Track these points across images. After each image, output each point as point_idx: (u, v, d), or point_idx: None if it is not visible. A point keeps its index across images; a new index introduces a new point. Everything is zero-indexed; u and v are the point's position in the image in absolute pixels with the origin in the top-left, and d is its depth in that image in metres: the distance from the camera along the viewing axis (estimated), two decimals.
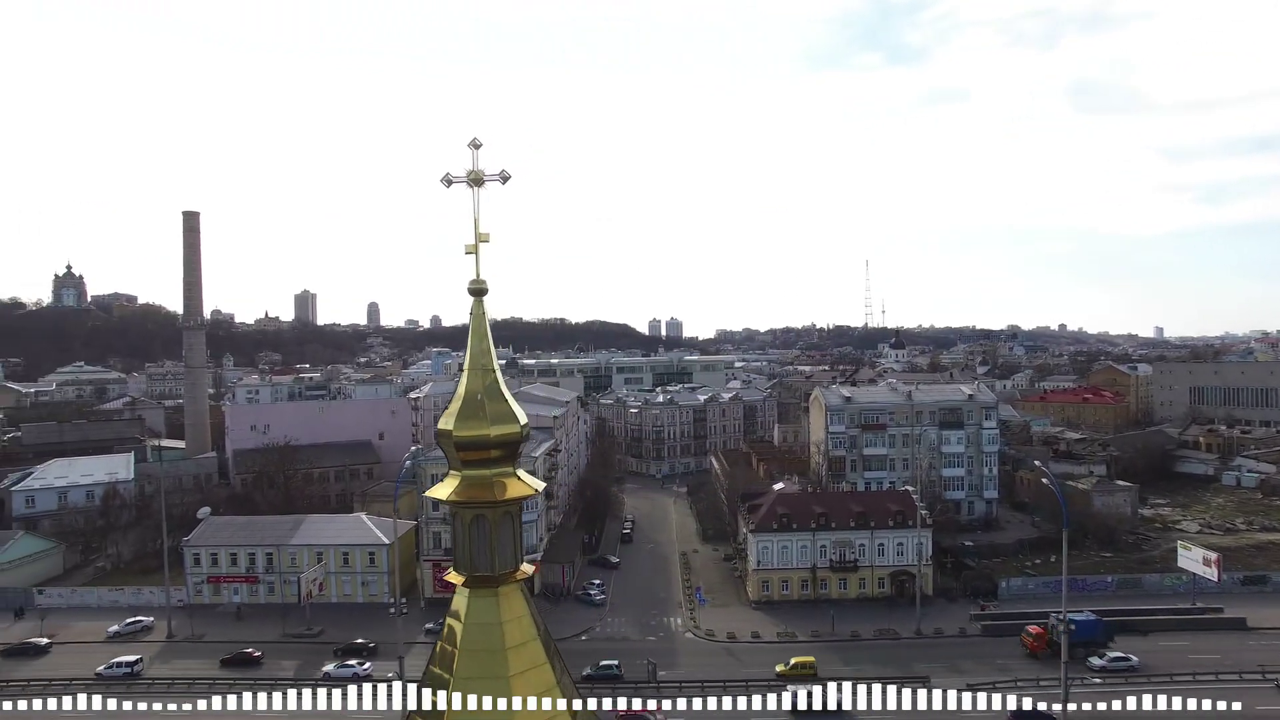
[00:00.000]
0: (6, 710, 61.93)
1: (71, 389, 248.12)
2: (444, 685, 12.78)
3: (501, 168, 14.68)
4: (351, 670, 69.53)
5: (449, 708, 12.54)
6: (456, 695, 12.60)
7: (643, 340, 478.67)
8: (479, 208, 14.94)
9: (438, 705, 12.73)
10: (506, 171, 14.66)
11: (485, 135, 14.13)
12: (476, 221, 15.31)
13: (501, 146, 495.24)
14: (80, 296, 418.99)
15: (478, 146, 14.48)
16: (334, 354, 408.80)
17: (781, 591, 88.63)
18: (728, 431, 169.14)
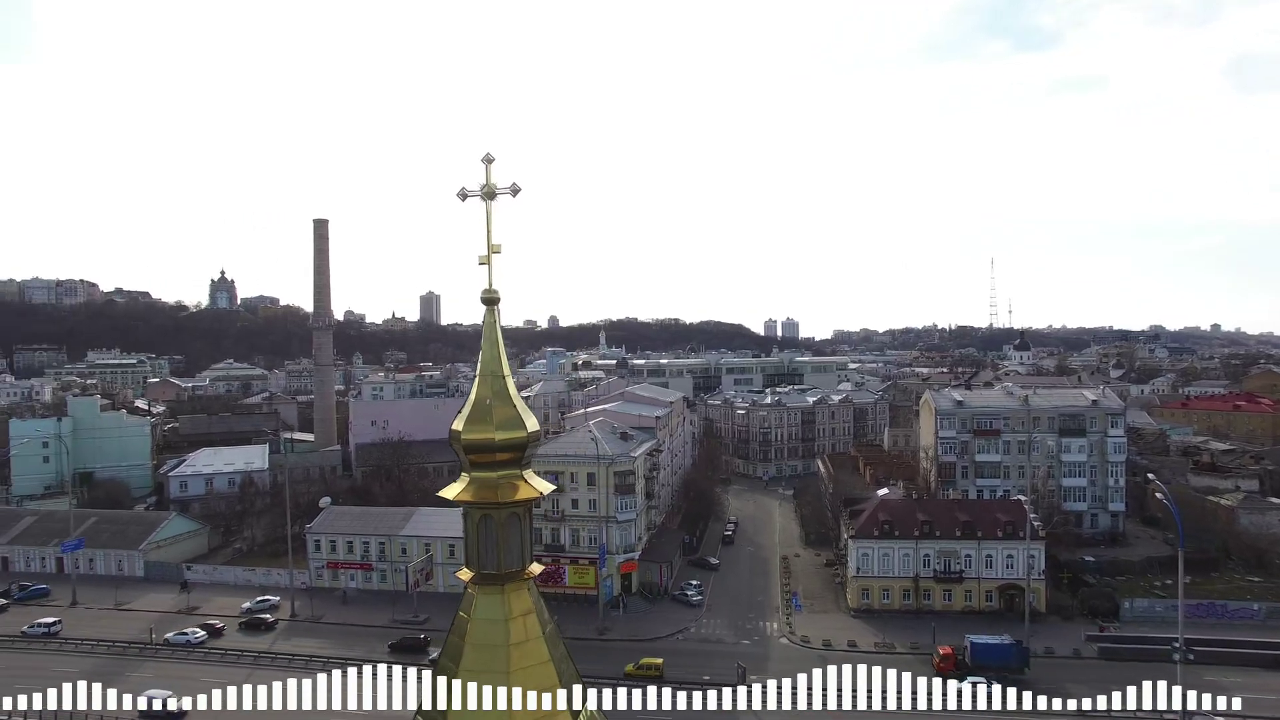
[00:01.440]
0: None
1: (222, 384, 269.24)
2: (452, 676, 13.40)
3: (512, 181, 15.15)
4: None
5: (452, 697, 13.14)
6: (459, 686, 13.18)
7: (757, 341, 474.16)
8: (492, 220, 15.60)
9: (445, 694, 13.34)
10: (517, 185, 15.16)
11: (622, 129, 14.61)
12: (489, 233, 15.99)
13: (628, 144, 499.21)
14: (231, 299, 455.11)
15: (490, 161, 15.11)
16: (456, 352, 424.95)
17: (882, 600, 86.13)
18: (837, 434, 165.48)
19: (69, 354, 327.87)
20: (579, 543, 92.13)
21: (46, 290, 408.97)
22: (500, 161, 15.01)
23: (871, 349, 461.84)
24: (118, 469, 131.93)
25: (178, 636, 79.09)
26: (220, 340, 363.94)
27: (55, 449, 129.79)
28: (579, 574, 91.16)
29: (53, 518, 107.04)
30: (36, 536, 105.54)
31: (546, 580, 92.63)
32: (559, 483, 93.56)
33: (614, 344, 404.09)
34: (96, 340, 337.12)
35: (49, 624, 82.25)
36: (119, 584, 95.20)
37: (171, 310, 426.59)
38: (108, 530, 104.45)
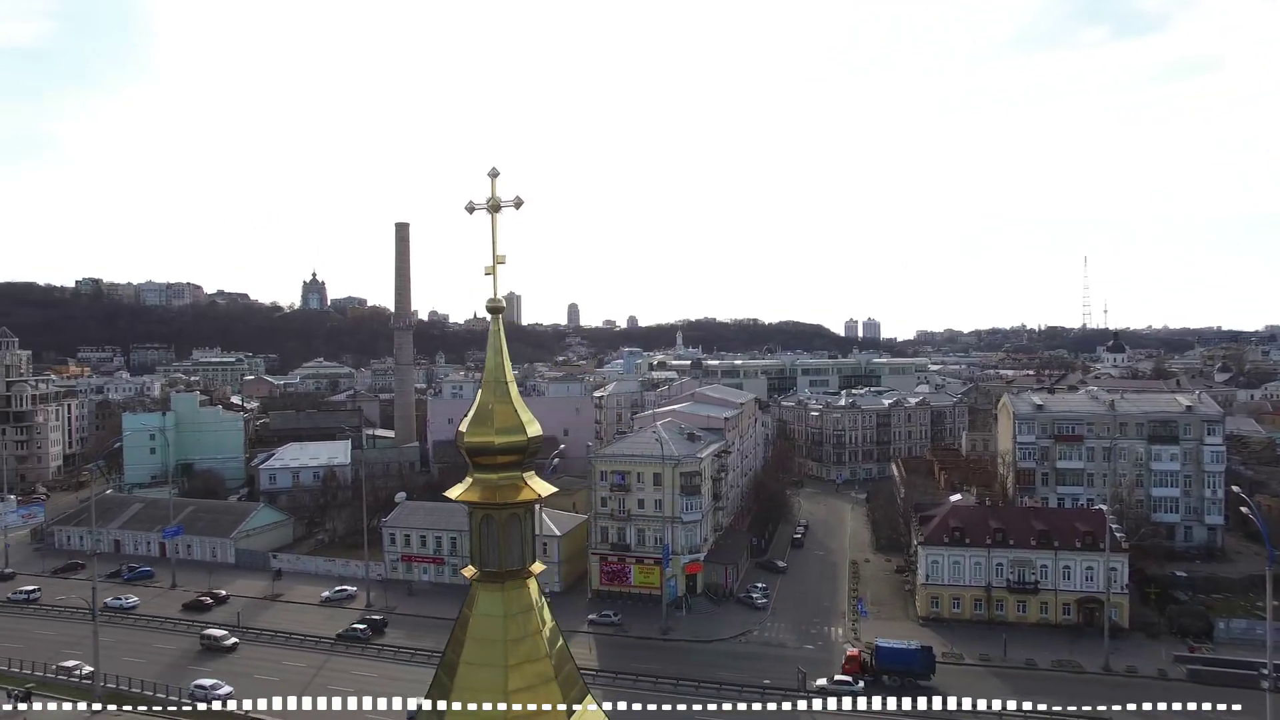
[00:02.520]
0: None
1: (311, 382, 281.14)
2: (454, 668, 14.10)
3: (516, 194, 15.76)
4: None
5: (452, 688, 13.84)
6: (460, 677, 13.87)
7: (837, 341, 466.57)
8: (497, 232, 16.27)
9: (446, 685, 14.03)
10: (520, 198, 15.79)
11: (705, 127, 15.22)
12: (494, 245, 16.66)
13: (715, 144, 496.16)
14: (322, 300, 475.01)
15: (495, 175, 15.79)
16: (535, 352, 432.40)
17: (952, 609, 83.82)
18: (913, 438, 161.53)
19: (177, 352, 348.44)
20: (644, 542, 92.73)
21: (158, 293, 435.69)
22: (583, 162, 15.52)
23: (955, 350, 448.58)
24: (214, 461, 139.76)
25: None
26: (311, 340, 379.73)
27: (160, 441, 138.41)
28: (644, 574, 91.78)
29: (157, 505, 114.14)
30: (143, 522, 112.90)
31: (612, 579, 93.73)
32: (625, 483, 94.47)
33: (691, 344, 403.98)
34: (201, 339, 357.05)
35: (28, 592, 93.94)
36: (212, 569, 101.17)
37: (267, 311, 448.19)
38: (203, 518, 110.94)
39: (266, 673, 71.43)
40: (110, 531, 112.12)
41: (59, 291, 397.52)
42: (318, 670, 73.48)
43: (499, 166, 15.54)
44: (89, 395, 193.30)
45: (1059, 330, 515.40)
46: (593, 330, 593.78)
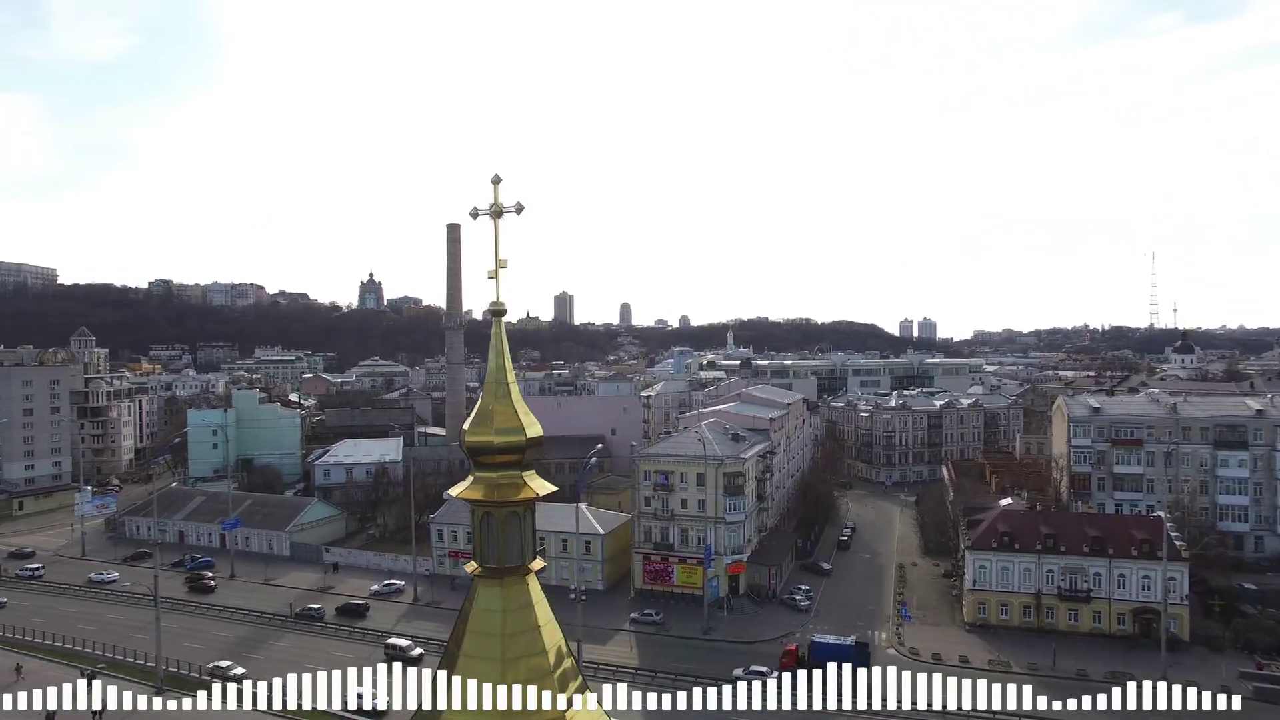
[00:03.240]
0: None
1: (367, 380, 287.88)
2: (454, 660, 14.59)
3: (517, 200, 16.19)
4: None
5: (452, 679, 14.33)
6: (459, 668, 14.34)
7: (891, 342, 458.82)
8: (499, 237, 16.74)
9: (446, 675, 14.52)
10: (520, 204, 16.22)
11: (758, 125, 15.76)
12: (497, 249, 17.13)
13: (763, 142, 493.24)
14: (379, 300, 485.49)
15: (498, 182, 16.24)
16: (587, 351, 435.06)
17: (1000, 616, 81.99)
18: (965, 440, 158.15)
19: (240, 351, 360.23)
20: (687, 542, 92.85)
21: (224, 293, 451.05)
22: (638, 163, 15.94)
23: (1014, 350, 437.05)
24: (272, 456, 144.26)
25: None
26: (367, 339, 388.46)
27: (222, 437, 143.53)
28: (687, 573, 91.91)
29: (218, 498, 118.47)
30: (205, 514, 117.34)
31: (655, 578, 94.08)
32: (668, 482, 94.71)
33: (743, 344, 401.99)
34: (263, 338, 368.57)
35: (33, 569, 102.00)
36: (268, 561, 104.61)
37: (326, 311, 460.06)
38: (260, 512, 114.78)
39: (314, 661, 73.49)
40: (175, 522, 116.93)
41: (133, 293, 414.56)
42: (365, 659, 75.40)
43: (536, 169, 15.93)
44: (158, 392, 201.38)
45: (1124, 330, 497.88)
46: (644, 330, 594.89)
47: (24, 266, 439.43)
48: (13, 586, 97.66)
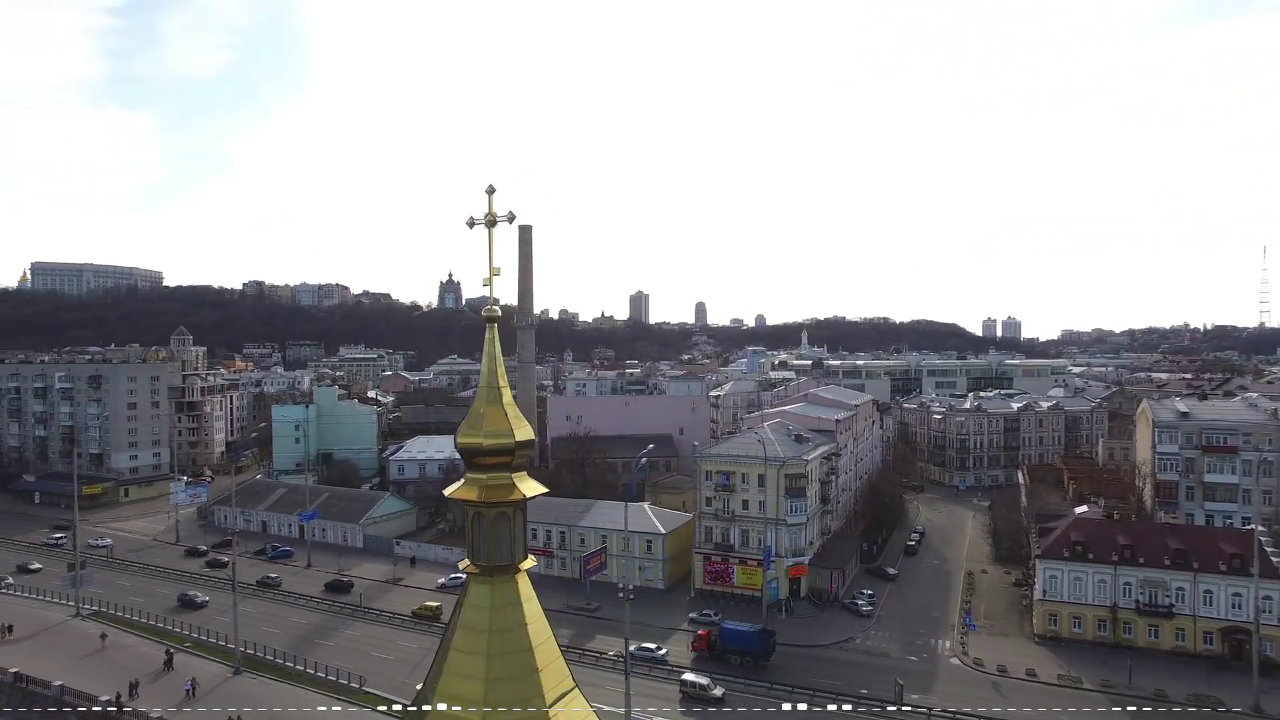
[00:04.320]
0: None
1: (444, 377, 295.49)
2: (446, 652, 15.28)
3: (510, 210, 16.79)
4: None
5: (442, 670, 15.03)
6: (449, 661, 15.02)
7: (973, 342, 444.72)
8: (493, 246, 17.38)
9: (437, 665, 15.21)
10: (513, 213, 16.84)
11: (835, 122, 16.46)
12: (490, 257, 17.76)
13: (845, 139, 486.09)
14: (457, 300, 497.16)
15: (492, 192, 16.89)
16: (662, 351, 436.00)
17: (1072, 629, 78.72)
18: (1044, 444, 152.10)
19: (326, 349, 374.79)
20: (748, 543, 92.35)
21: (311, 294, 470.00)
22: (715, 161, 16.55)
23: (1104, 351, 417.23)
24: (350, 451, 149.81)
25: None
26: (446, 337, 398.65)
27: (303, 432, 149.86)
28: (747, 574, 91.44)
29: (298, 491, 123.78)
30: (286, 506, 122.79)
31: (715, 579, 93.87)
32: (730, 483, 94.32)
33: (818, 343, 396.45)
34: (347, 337, 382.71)
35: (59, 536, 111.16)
36: (342, 552, 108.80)
37: (407, 310, 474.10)
38: (336, 505, 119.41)
39: (381, 650, 76.32)
40: (258, 513, 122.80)
41: (229, 294, 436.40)
42: (429, 651, 77.82)
43: (613, 168, 16.55)
44: (248, 388, 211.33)
45: (1228, 330, 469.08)
46: (719, 329, 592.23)
47: (135, 270, 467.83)
48: (101, 564, 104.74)
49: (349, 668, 69.61)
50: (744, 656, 72.62)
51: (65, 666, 70.74)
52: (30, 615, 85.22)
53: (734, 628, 74.96)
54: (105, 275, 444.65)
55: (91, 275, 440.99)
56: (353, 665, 70.70)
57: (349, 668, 69.61)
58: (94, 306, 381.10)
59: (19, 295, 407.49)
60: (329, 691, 66.16)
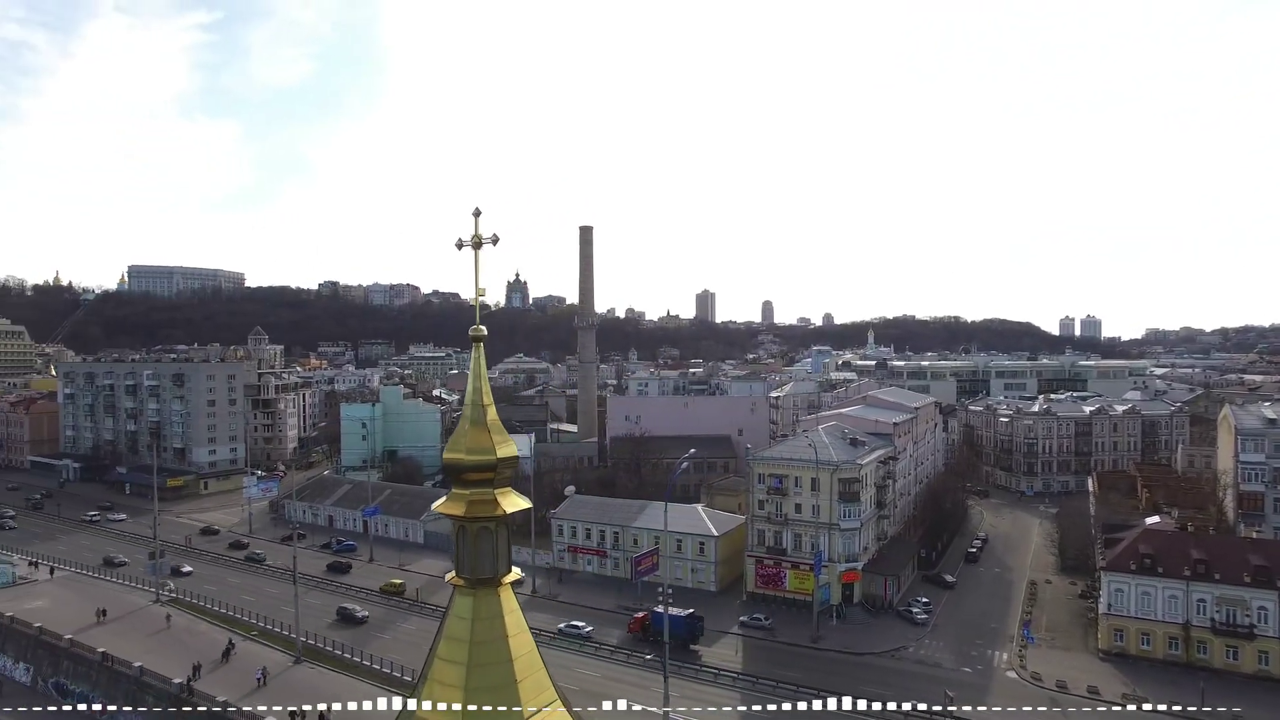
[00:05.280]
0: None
1: (510, 376, 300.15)
2: (430, 660, 15.85)
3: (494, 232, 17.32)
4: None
5: (425, 677, 15.59)
6: (433, 669, 15.56)
7: (1049, 341, 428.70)
8: (480, 267, 17.95)
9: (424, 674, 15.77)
10: (496, 235, 17.35)
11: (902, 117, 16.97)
12: (477, 278, 18.31)
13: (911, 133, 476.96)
14: (524, 299, 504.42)
15: (478, 215, 17.42)
16: (727, 350, 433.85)
17: (1140, 646, 75.38)
18: (1119, 449, 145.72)
19: (396, 347, 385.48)
20: (800, 547, 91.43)
21: (383, 294, 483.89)
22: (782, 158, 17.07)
23: (1193, 351, 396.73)
24: (414, 449, 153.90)
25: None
26: (513, 336, 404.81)
27: (370, 429, 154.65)
28: (799, 579, 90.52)
29: (363, 487, 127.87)
30: (351, 501, 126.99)
31: (767, 582, 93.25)
32: (782, 486, 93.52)
33: (885, 343, 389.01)
34: (417, 336, 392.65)
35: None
36: (402, 548, 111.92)
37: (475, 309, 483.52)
38: (399, 501, 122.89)
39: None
40: (325, 508, 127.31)
41: (305, 294, 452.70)
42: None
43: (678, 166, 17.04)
44: (321, 386, 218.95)
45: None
46: (785, 328, 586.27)
47: (219, 272, 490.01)
48: (194, 556, 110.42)
49: (403, 661, 71.70)
50: (673, 638, 74.04)
51: (146, 648, 75.10)
52: (119, 599, 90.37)
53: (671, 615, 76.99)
54: (193, 277, 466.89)
55: (181, 277, 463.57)
56: (406, 659, 72.73)
57: (403, 661, 71.70)
58: (182, 307, 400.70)
59: (118, 296, 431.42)
60: (383, 684, 68.28)
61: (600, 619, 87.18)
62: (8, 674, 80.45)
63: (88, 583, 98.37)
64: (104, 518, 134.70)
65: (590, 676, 70.85)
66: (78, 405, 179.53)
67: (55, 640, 78.22)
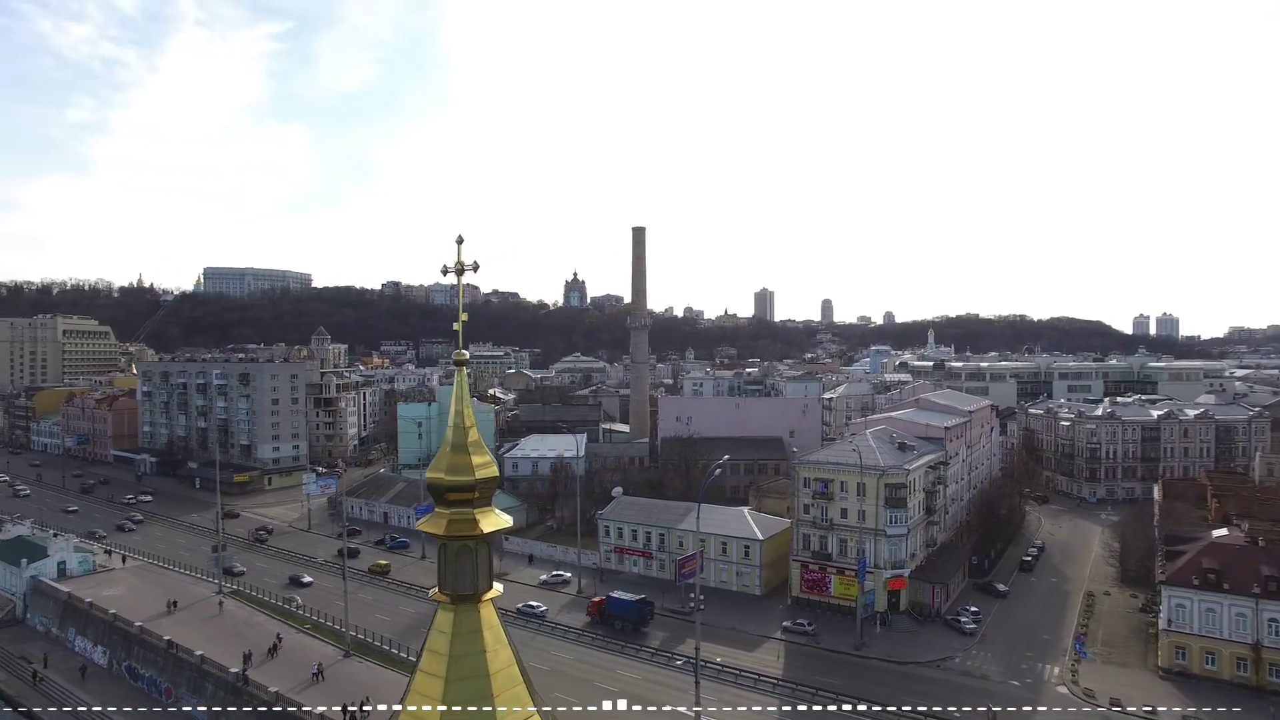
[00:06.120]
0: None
1: (567, 375, 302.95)
2: (413, 672, 16.44)
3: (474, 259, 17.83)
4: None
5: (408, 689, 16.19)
6: (415, 682, 16.13)
7: (1120, 340, 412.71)
8: (462, 294, 18.49)
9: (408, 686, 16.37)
10: (476, 262, 17.86)
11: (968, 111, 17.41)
12: (460, 304, 18.86)
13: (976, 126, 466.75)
14: (582, 298, 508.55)
15: (461, 242, 17.94)
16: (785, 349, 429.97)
17: (1204, 665, 72.02)
18: (1190, 456, 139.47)
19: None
20: (846, 553, 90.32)
21: (444, 293, 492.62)
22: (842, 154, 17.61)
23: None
24: None
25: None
26: (571, 335, 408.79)
27: (426, 428, 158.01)
28: (844, 585, 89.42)
29: (417, 485, 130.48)
30: (405, 499, 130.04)
31: (812, 587, 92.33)
32: (828, 491, 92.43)
33: (947, 342, 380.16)
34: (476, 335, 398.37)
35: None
36: None
37: (533, 309, 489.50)
38: None
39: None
40: (381, 505, 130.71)
41: (369, 294, 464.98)
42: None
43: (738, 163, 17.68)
44: (381, 384, 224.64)
45: None
46: (845, 327, 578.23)
47: (287, 273, 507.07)
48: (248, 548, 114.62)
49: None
50: (625, 622, 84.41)
51: (206, 637, 78.47)
52: (185, 590, 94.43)
53: (619, 598, 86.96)
54: (263, 278, 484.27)
55: (252, 278, 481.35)
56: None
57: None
58: (253, 307, 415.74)
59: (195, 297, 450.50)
60: None
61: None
62: (88, 655, 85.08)
63: (159, 573, 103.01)
64: (137, 500, 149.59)
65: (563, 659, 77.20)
66: (154, 402, 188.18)
67: (127, 626, 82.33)
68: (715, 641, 79.85)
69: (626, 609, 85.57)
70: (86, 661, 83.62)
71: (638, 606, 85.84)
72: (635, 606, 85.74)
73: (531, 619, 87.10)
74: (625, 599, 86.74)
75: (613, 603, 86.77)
